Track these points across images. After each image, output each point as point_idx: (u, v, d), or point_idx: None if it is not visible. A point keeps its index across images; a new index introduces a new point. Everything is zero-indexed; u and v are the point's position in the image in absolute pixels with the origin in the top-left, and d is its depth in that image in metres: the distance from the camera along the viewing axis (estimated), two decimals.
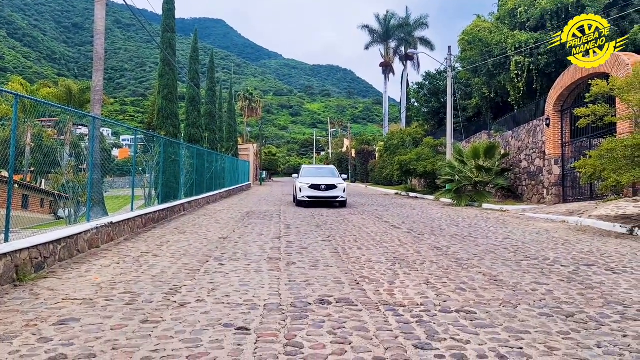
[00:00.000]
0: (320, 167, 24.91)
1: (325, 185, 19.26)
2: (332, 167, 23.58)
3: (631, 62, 14.02)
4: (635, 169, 10.75)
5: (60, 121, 15.01)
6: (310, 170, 22.27)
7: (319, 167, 26.34)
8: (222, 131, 43.42)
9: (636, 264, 7.56)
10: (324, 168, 24.05)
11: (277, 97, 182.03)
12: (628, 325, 4.61)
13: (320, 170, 22.92)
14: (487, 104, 28.56)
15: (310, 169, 23.15)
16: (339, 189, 19.31)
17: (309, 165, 26.56)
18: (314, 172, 21.86)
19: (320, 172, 21.78)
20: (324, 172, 21.96)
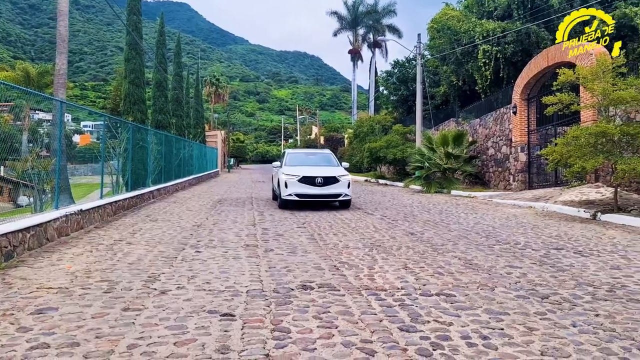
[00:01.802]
0: (312, 152, 17.94)
1: (322, 178, 13.51)
2: (328, 152, 16.86)
3: (595, 52, 14.43)
4: (598, 156, 11.11)
5: (16, 106, 14.50)
6: (298, 157, 16.07)
7: (309, 151, 18.92)
8: (190, 117, 42.77)
9: (601, 247, 7.85)
10: (317, 153, 17.24)
11: (243, 83, 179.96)
12: (599, 305, 4.80)
13: (312, 156, 16.46)
14: (455, 91, 28.96)
15: (297, 154, 16.65)
16: (341, 184, 13.66)
17: (296, 150, 19.08)
18: (302, 158, 15.79)
19: (312, 159, 15.71)
20: (318, 159, 15.89)
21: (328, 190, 13.58)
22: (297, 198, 13.46)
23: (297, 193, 13.46)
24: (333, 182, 13.60)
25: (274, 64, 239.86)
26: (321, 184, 13.48)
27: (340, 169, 14.52)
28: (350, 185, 14.00)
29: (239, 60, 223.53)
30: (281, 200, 13.85)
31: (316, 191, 13.51)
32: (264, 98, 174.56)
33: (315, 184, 13.48)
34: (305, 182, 13.49)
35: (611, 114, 12.64)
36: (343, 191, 13.65)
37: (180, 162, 25.45)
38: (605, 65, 11.95)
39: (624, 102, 11.25)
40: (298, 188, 13.45)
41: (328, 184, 13.56)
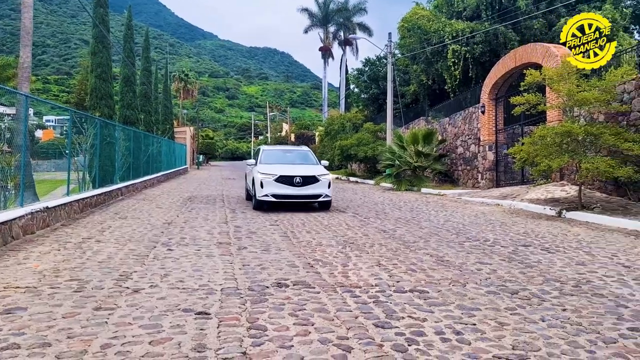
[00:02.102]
0: (289, 149, 16.66)
1: (301, 177, 12.61)
2: (307, 149, 15.81)
3: (560, 54, 14.81)
4: (564, 155, 11.44)
5: None
6: (275, 154, 14.97)
7: (286, 148, 17.80)
8: (158, 113, 42.03)
9: (567, 244, 8.09)
10: (294, 150, 16.04)
11: (212, 78, 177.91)
12: (566, 300, 4.95)
13: (290, 153, 15.42)
14: (425, 90, 29.32)
15: (273, 151, 15.47)
16: (321, 184, 12.78)
17: (272, 147, 17.47)
18: (279, 156, 14.74)
19: (289, 157, 14.76)
20: (295, 156, 14.92)
21: (307, 191, 12.68)
22: (273, 199, 12.49)
23: (273, 193, 12.48)
24: (312, 182, 12.72)
25: (243, 60, 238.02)
26: (300, 183, 12.55)
27: (320, 168, 13.65)
28: (330, 185, 13.07)
29: (208, 55, 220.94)
30: (256, 201, 12.80)
31: (295, 192, 12.57)
32: (234, 94, 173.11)
33: (293, 183, 12.53)
34: (282, 182, 12.53)
35: (575, 115, 13.02)
36: (323, 191, 12.76)
37: (148, 159, 25.07)
38: (570, 66, 12.29)
39: (588, 103, 11.60)
40: (275, 188, 12.49)
41: (307, 184, 12.65)
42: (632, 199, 11.90)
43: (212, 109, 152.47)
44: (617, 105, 12.03)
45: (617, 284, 5.56)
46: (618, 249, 7.60)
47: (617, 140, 10.97)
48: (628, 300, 4.92)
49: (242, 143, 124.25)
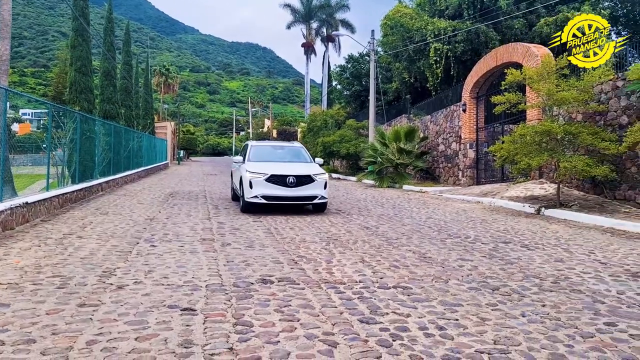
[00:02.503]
0: (280, 145, 14.86)
1: (294, 177, 11.32)
2: (299, 145, 14.50)
3: (540, 54, 15.04)
4: (543, 154, 11.64)
5: None
6: (264, 150, 13.51)
7: (277, 144, 15.85)
8: (139, 108, 41.55)
9: (546, 241, 8.25)
10: (285, 147, 14.36)
11: (193, 73, 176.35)
12: (545, 296, 5.07)
13: (280, 150, 13.87)
14: (407, 88, 29.50)
15: (263, 147, 13.93)
16: (317, 184, 11.55)
17: (261, 143, 15.40)
18: (269, 153, 13.35)
19: (280, 154, 13.36)
20: (287, 153, 13.54)
21: (302, 192, 11.38)
22: (264, 201, 11.21)
23: (264, 195, 11.18)
24: (307, 182, 11.44)
25: (225, 54, 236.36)
26: (293, 184, 11.25)
27: (315, 166, 12.43)
28: (327, 186, 11.86)
29: (189, 50, 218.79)
30: (245, 203, 11.48)
31: (288, 193, 11.27)
32: (215, 89, 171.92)
33: (286, 184, 11.23)
34: (274, 182, 11.22)
35: (555, 114, 13.24)
36: (319, 193, 11.52)
37: (129, 154, 24.82)
38: (550, 66, 12.49)
39: (567, 102, 11.82)
40: (266, 189, 11.20)
41: (302, 184, 11.37)
42: (608, 197, 12.17)
43: (193, 104, 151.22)
44: (594, 105, 12.27)
45: (594, 280, 5.70)
46: (595, 246, 7.78)
47: (594, 139, 11.20)
48: (604, 296, 5.06)
49: (223, 138, 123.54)
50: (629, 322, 4.29)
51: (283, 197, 11.38)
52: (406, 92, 29.75)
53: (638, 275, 5.91)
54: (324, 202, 11.88)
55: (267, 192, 11.22)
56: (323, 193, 11.64)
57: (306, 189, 11.46)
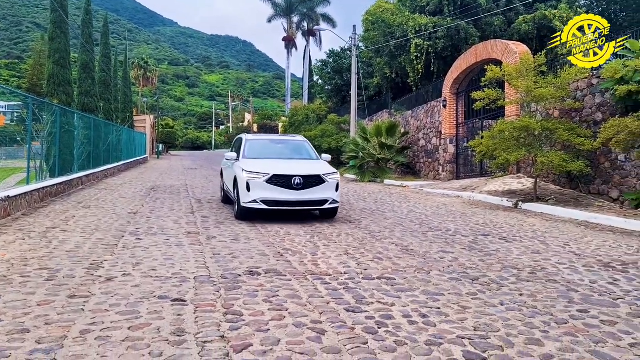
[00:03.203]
0: (280, 139, 12.92)
1: (301, 177, 9.33)
2: (302, 139, 12.31)
3: (519, 51, 15.37)
4: (521, 149, 11.93)
5: None
6: (262, 145, 11.47)
7: (276, 138, 13.45)
8: (118, 101, 41.03)
9: (523, 234, 8.51)
10: (286, 141, 12.43)
11: (172, 66, 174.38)
12: (523, 286, 5.28)
13: (281, 144, 12.01)
14: (388, 83, 29.73)
15: (260, 142, 11.76)
16: (328, 186, 9.60)
17: (258, 136, 12.88)
18: (268, 148, 11.38)
19: (281, 149, 11.47)
20: (288, 148, 11.67)
21: (310, 195, 9.35)
22: (264, 207, 9.19)
23: (265, 199, 9.18)
24: (317, 184, 9.43)
25: (204, 48, 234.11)
26: (300, 186, 9.25)
27: (324, 164, 10.50)
28: (339, 188, 9.87)
29: (167, 42, 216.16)
30: (241, 208, 9.47)
31: (293, 197, 9.25)
32: (194, 83, 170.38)
33: (291, 186, 9.21)
34: (277, 184, 9.23)
35: (533, 110, 13.56)
36: (330, 196, 9.53)
37: (109, 148, 24.61)
38: (528, 64, 12.78)
39: (544, 99, 12.11)
40: (266, 192, 9.20)
41: (310, 186, 9.34)
42: (583, 192, 12.53)
43: (172, 98, 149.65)
44: (571, 102, 12.60)
45: (568, 270, 5.94)
46: (570, 239, 8.06)
47: (570, 135, 11.52)
48: (578, 285, 5.29)
49: (202, 133, 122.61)
50: (600, 309, 4.52)
51: (287, 202, 9.30)
52: (387, 88, 29.99)
53: (609, 266, 6.17)
54: (335, 208, 9.88)
55: (268, 196, 9.19)
56: (335, 197, 9.61)
57: (315, 191, 9.39)
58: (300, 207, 9.55)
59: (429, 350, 3.56)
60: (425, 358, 3.42)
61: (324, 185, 9.53)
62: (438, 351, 3.54)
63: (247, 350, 3.49)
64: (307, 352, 3.48)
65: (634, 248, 7.34)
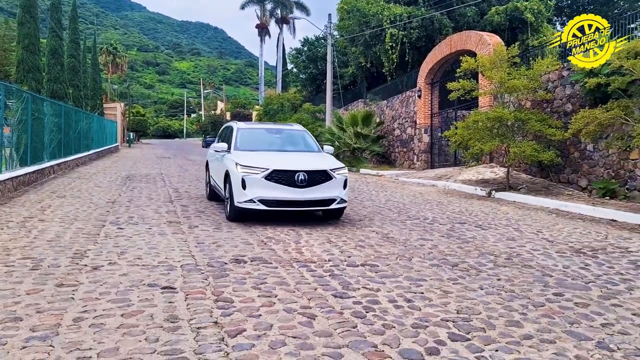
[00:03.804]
0: (276, 129, 10.87)
1: (305, 173, 8.03)
2: (301, 128, 10.76)
3: (492, 43, 15.67)
4: (495, 139, 12.24)
5: None
6: (256, 135, 10.16)
7: (272, 127, 11.25)
8: (87, 88, 40.19)
9: (498, 221, 8.78)
10: (283, 130, 10.68)
11: (141, 53, 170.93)
12: (500, 271, 5.49)
13: (278, 135, 10.33)
14: (363, 73, 29.89)
15: (254, 131, 10.47)
16: (336, 183, 8.31)
17: (251, 125, 11.33)
18: (263, 138, 10.03)
19: (278, 140, 10.02)
20: (286, 139, 10.17)
21: (315, 194, 8.07)
22: (263, 207, 7.94)
23: (263, 198, 7.91)
24: (323, 180, 8.17)
25: (174, 34, 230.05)
26: (304, 183, 7.97)
27: (329, 158, 9.16)
28: (347, 185, 8.57)
29: (136, 28, 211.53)
30: (234, 209, 8.20)
31: (296, 195, 7.97)
32: (164, 70, 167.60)
33: (294, 183, 7.93)
34: (277, 181, 7.95)
35: (506, 101, 13.88)
36: (337, 194, 8.26)
37: (79, 136, 24.15)
38: (502, 55, 13.06)
39: (517, 90, 12.42)
40: (265, 190, 7.93)
41: (315, 183, 8.07)
42: (554, 181, 12.94)
43: (142, 85, 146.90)
44: (542, 93, 12.94)
45: (542, 256, 6.20)
46: (542, 226, 8.36)
47: (542, 126, 11.86)
48: (552, 270, 5.54)
49: (174, 121, 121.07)
50: (573, 292, 4.76)
51: (290, 202, 8.04)
52: (362, 77, 30.16)
53: (580, 252, 6.46)
54: (342, 208, 8.65)
55: (267, 195, 7.93)
56: (342, 195, 8.36)
57: (321, 189, 8.13)
58: (304, 207, 8.25)
59: (416, 332, 3.71)
60: (412, 339, 3.57)
61: (331, 182, 8.24)
62: (424, 333, 3.70)
63: (241, 335, 3.58)
64: (299, 335, 3.59)
65: (602, 234, 7.67)
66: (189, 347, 3.36)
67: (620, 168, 10.92)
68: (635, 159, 10.51)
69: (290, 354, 3.30)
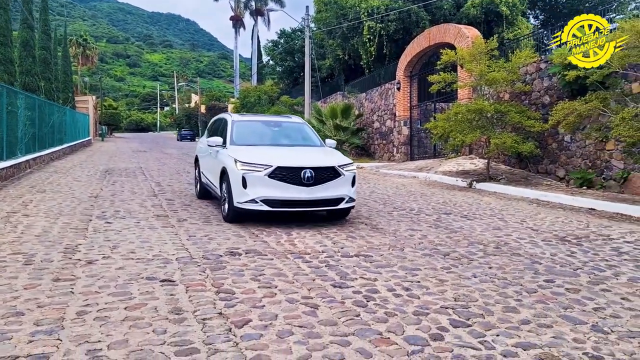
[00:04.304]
0: (274, 121, 10.05)
1: (312, 170, 7.34)
2: (300, 120, 10.29)
3: (471, 35, 15.87)
4: (476, 131, 12.44)
5: None
6: (253, 128, 9.32)
7: (269, 119, 10.47)
8: (58, 80, 39.31)
9: (482, 212, 8.96)
10: (282, 123, 9.88)
11: (111, 44, 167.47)
12: (491, 260, 5.63)
13: (277, 128, 9.60)
14: (340, 65, 29.94)
15: (251, 124, 9.58)
16: (344, 180, 7.66)
17: (247, 117, 10.16)
18: (261, 132, 9.23)
19: (276, 133, 9.29)
20: (285, 132, 9.45)
21: (323, 193, 7.39)
22: (266, 208, 7.24)
23: (267, 198, 7.23)
24: (330, 178, 7.50)
25: (145, 25, 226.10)
26: (311, 181, 7.28)
27: (336, 153, 8.55)
28: (355, 182, 7.92)
29: (105, 19, 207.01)
30: (233, 209, 7.50)
31: (303, 195, 7.28)
32: (135, 62, 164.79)
33: (300, 181, 7.24)
34: (282, 179, 7.25)
35: (484, 93, 14.11)
36: (346, 193, 7.63)
37: (52, 130, 23.64)
38: (481, 48, 13.24)
39: (497, 82, 12.63)
40: (269, 189, 7.24)
41: (322, 181, 7.40)
42: (532, 171, 13.23)
43: (112, 77, 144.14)
44: (520, 86, 13.20)
45: (529, 245, 6.37)
46: (525, 216, 8.57)
47: (521, 117, 12.11)
48: (541, 258, 5.70)
49: (147, 114, 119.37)
50: (563, 278, 4.92)
51: (295, 202, 7.36)
52: (340, 69, 30.21)
53: (565, 240, 6.66)
54: (350, 208, 7.99)
55: (270, 195, 7.24)
56: (351, 193, 7.73)
57: (328, 187, 7.46)
58: (311, 207, 7.55)
59: (418, 319, 3.80)
60: (416, 326, 3.66)
61: (339, 180, 7.58)
62: (426, 320, 3.79)
63: (247, 325, 3.61)
64: (305, 325, 3.64)
65: (584, 223, 7.91)
66: (197, 338, 3.38)
67: (596, 158, 11.23)
68: (611, 150, 10.82)
69: (299, 342, 3.35)
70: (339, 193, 7.53)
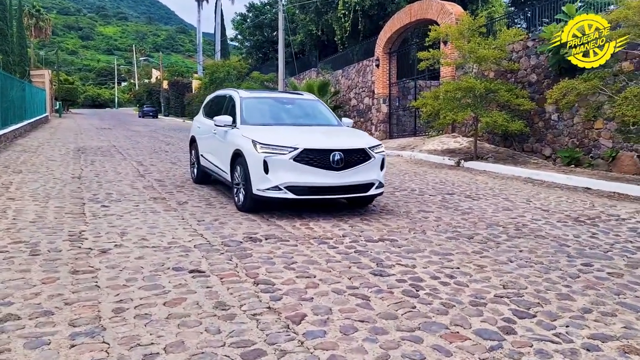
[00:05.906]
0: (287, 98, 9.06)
1: (341, 153, 6.52)
2: (313, 97, 9.36)
3: (454, 12, 15.69)
4: (466, 109, 12.35)
5: None
6: (265, 106, 8.43)
7: (281, 96, 9.52)
8: (14, 53, 37.18)
9: (483, 192, 8.88)
10: (295, 100, 8.91)
11: (62, 16, 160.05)
12: (518, 242, 5.50)
13: (290, 105, 8.67)
14: (313, 41, 29.37)
15: (262, 101, 8.57)
16: (374, 164, 6.90)
17: (255, 93, 9.05)
18: (274, 110, 8.36)
19: (292, 113, 8.40)
20: (299, 110, 8.53)
21: (353, 178, 6.65)
22: (291, 195, 6.45)
23: (293, 185, 6.43)
24: (360, 161, 6.75)
25: None
26: (340, 165, 6.52)
27: (362, 133, 8.03)
28: (385, 166, 7.27)
29: None
30: (252, 198, 6.66)
31: (333, 180, 6.52)
32: (88, 35, 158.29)
33: (330, 165, 6.48)
34: (309, 163, 6.46)
35: (468, 71, 14.00)
36: (375, 177, 6.92)
37: (13, 105, 22.34)
38: (468, 25, 13.07)
39: (487, 60, 12.52)
40: (295, 174, 6.44)
41: (352, 165, 6.64)
42: (517, 150, 13.29)
43: (64, 50, 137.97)
44: (509, 63, 13.14)
45: (548, 226, 6.29)
46: (528, 195, 8.53)
47: (510, 96, 12.07)
48: (566, 240, 5.62)
49: (103, 89, 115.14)
50: (599, 262, 4.83)
51: (325, 189, 6.60)
52: (312, 45, 29.63)
53: (580, 221, 6.62)
54: (378, 195, 7.25)
55: (296, 181, 6.44)
56: (380, 178, 7.06)
57: (358, 172, 6.71)
58: (341, 194, 6.83)
59: (478, 310, 3.62)
60: (480, 318, 3.48)
61: (369, 163, 6.83)
62: (487, 311, 3.62)
63: (304, 321, 3.36)
64: (365, 319, 3.41)
65: (588, 203, 7.92)
66: (257, 337, 3.11)
67: (584, 137, 11.33)
68: (600, 129, 10.92)
69: (368, 339, 3.12)
70: (369, 178, 6.84)
